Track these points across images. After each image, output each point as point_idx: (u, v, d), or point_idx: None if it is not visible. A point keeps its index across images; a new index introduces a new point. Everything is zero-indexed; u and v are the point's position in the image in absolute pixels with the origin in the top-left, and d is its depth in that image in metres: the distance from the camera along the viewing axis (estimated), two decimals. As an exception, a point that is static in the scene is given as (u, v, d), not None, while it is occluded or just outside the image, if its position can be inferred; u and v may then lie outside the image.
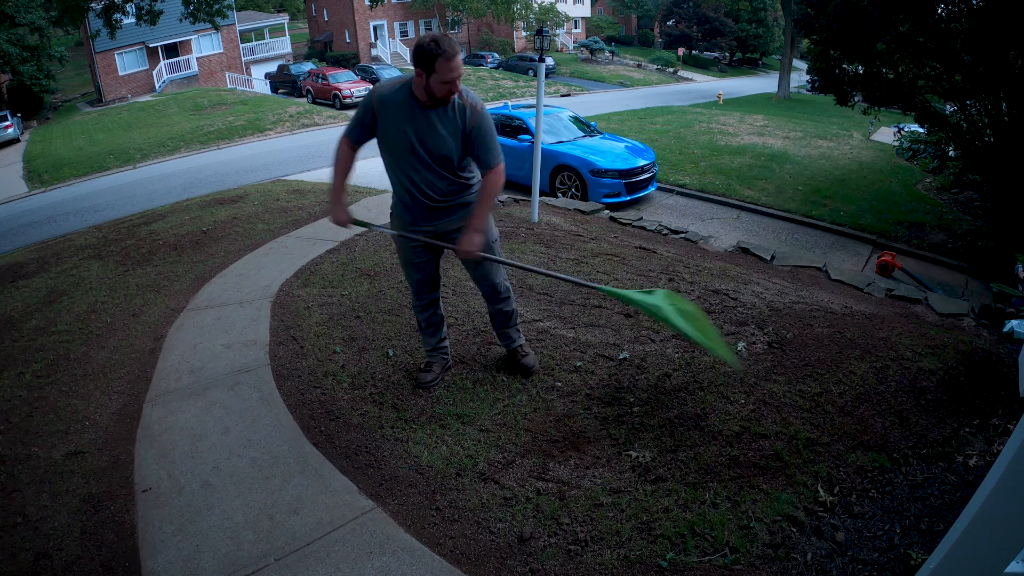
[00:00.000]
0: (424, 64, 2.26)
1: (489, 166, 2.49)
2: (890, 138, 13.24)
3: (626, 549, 1.99)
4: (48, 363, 3.51)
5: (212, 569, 1.99)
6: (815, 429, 2.49)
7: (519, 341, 3.02)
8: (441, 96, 2.33)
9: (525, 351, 3.02)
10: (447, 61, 2.25)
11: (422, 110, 2.39)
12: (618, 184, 7.89)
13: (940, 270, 6.57)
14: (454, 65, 2.27)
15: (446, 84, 2.29)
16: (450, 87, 2.31)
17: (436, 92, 2.31)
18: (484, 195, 2.54)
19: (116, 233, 6.68)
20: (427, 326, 2.93)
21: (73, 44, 38.93)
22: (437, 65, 2.25)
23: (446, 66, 2.25)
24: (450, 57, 2.25)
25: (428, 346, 3.00)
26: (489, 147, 2.47)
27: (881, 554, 1.91)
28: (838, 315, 3.65)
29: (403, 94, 2.40)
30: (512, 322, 2.96)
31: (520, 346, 3.02)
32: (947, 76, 7.25)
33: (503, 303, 2.87)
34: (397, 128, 2.42)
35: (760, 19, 41.69)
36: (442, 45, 2.25)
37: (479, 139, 2.44)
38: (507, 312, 2.91)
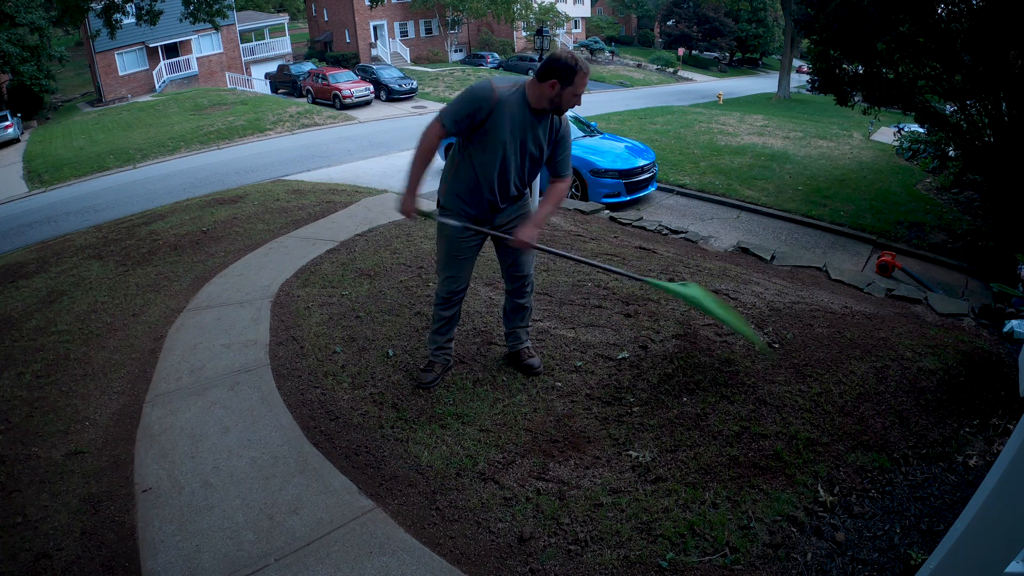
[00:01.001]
0: (564, 76, 2.40)
1: (563, 175, 2.69)
2: (890, 138, 13.24)
3: (626, 549, 1.99)
4: (48, 363, 3.51)
5: (212, 569, 1.99)
6: (815, 429, 2.49)
7: (526, 343, 3.07)
8: (567, 107, 2.51)
9: (531, 352, 3.06)
10: (584, 76, 2.44)
11: (532, 116, 2.50)
12: (618, 184, 7.88)
13: (940, 270, 6.56)
14: (587, 81, 2.48)
15: (575, 97, 2.47)
16: (576, 101, 2.50)
17: (564, 103, 2.47)
18: (552, 198, 2.70)
19: (116, 233, 6.68)
20: (444, 324, 2.92)
21: (73, 44, 38.93)
22: (576, 79, 2.41)
23: (583, 81, 2.44)
24: (586, 73, 2.45)
25: (434, 344, 2.97)
26: (568, 157, 2.70)
27: (881, 554, 1.91)
28: (838, 315, 3.65)
29: (519, 97, 2.47)
30: (526, 321, 3.03)
31: (526, 347, 3.06)
32: (947, 76, 7.25)
33: (526, 297, 2.95)
34: (511, 128, 2.48)
35: (760, 19, 41.68)
36: (580, 62, 2.43)
37: (563, 148, 2.65)
38: (526, 308, 2.98)
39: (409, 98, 24.33)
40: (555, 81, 2.40)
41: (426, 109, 21.89)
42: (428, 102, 23.83)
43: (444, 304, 2.87)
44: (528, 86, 2.47)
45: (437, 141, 2.52)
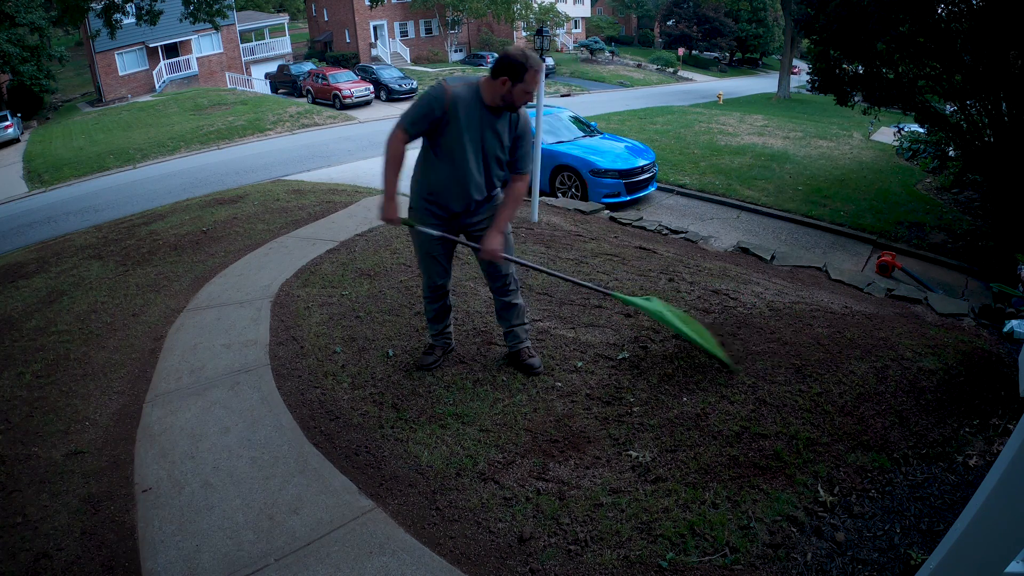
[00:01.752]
0: (514, 73, 2.42)
1: (522, 172, 2.69)
2: (890, 138, 13.23)
3: (626, 549, 1.99)
4: (48, 363, 3.51)
5: (212, 569, 1.99)
6: (815, 429, 2.49)
7: (526, 342, 3.05)
8: (519, 104, 2.53)
9: (531, 352, 3.05)
10: (535, 74, 2.45)
11: (489, 115, 2.54)
12: (618, 184, 7.88)
13: (940, 270, 6.57)
14: (539, 78, 2.52)
15: (527, 94, 2.49)
16: (528, 98, 2.53)
17: (517, 101, 2.50)
18: (510, 199, 2.70)
19: (116, 233, 6.69)
20: (435, 315, 3.04)
21: (73, 44, 38.93)
22: (527, 76, 2.43)
23: (534, 78, 2.46)
24: (537, 70, 2.47)
25: (433, 331, 3.11)
26: (527, 153, 2.69)
27: (881, 554, 1.91)
28: (838, 315, 3.65)
29: (473, 96, 2.51)
30: (520, 319, 2.99)
31: (527, 347, 3.04)
32: (947, 76, 7.25)
33: (512, 295, 2.93)
34: (466, 127, 2.52)
35: (760, 19, 41.69)
36: (531, 59, 2.45)
37: (522, 145, 2.65)
38: (515, 305, 2.95)
39: (409, 98, 24.32)
40: (506, 79, 2.43)
41: (426, 109, 21.85)
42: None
43: (429, 298, 2.99)
44: (482, 84, 2.51)
45: (402, 146, 2.57)
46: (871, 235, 7.33)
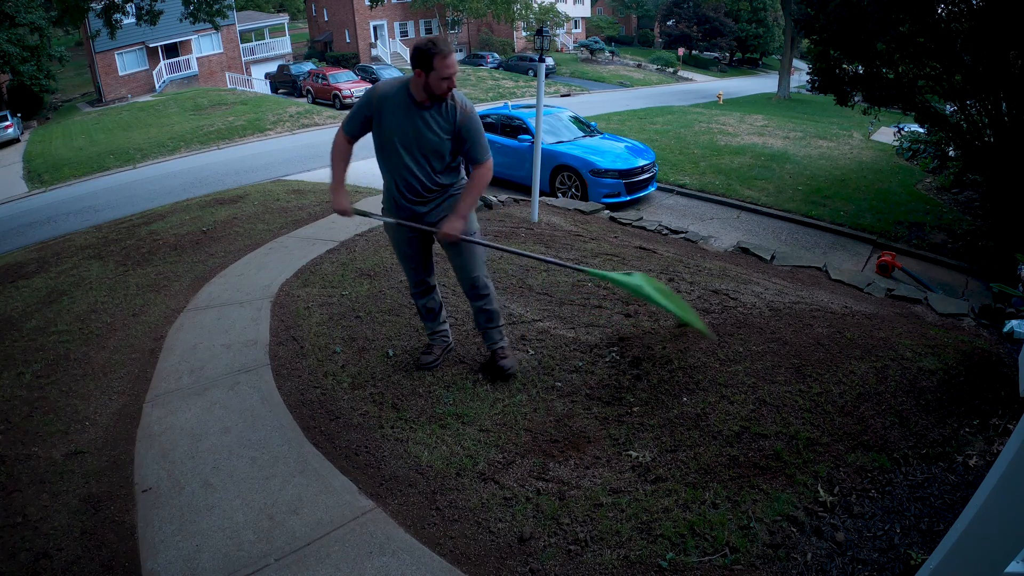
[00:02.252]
0: (423, 63, 2.43)
1: (478, 161, 2.67)
2: (890, 138, 13.23)
3: (626, 549, 1.99)
4: (48, 363, 3.51)
5: (212, 569, 1.99)
6: (815, 429, 2.49)
7: (501, 343, 3.01)
8: (440, 93, 2.48)
9: (505, 353, 3.00)
10: (443, 58, 2.41)
11: (418, 109, 2.54)
12: (618, 184, 7.88)
13: (940, 270, 6.56)
14: (450, 62, 2.43)
15: (444, 80, 2.45)
16: (448, 83, 2.47)
17: (435, 89, 2.47)
18: (472, 186, 2.70)
19: (116, 233, 6.69)
20: (426, 312, 3.06)
21: (73, 44, 38.90)
22: (435, 63, 2.41)
23: (443, 63, 2.41)
24: (446, 55, 2.42)
25: (428, 329, 3.14)
26: (477, 142, 2.64)
27: (881, 554, 1.91)
28: (838, 315, 3.65)
29: (401, 94, 2.55)
30: (493, 322, 2.96)
31: (501, 347, 3.01)
32: (947, 76, 7.24)
33: (483, 300, 2.89)
34: (394, 125, 2.57)
35: (760, 19, 41.69)
36: (438, 44, 2.42)
37: (468, 136, 2.61)
38: (487, 311, 2.92)
39: (409, 98, 24.29)
40: (419, 70, 2.45)
41: (426, 109, 21.85)
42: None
43: (415, 296, 3.04)
44: (410, 81, 2.53)
45: (342, 143, 2.71)
46: (871, 235, 7.33)
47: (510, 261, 4.55)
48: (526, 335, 3.36)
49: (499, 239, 5.16)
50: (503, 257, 4.64)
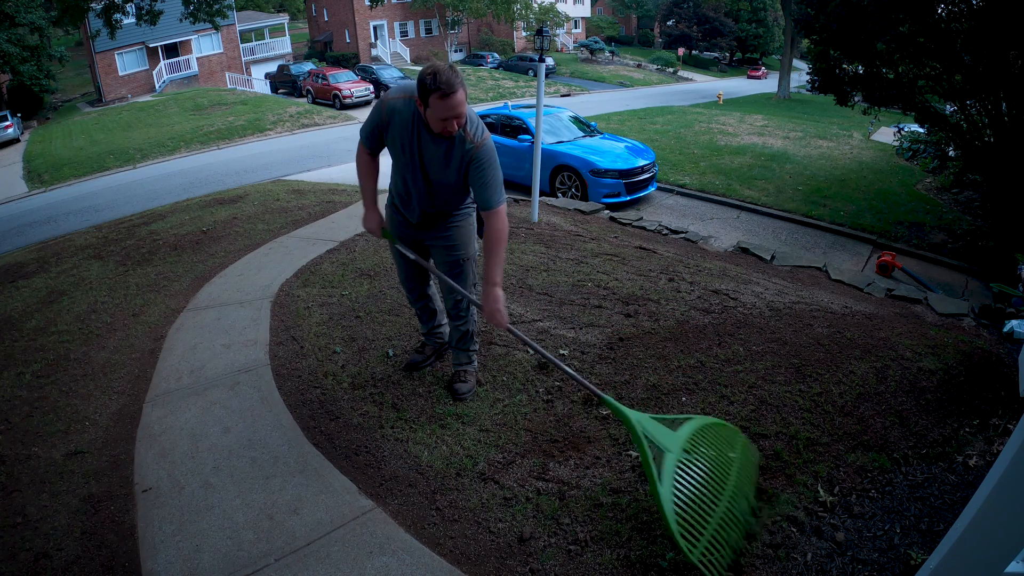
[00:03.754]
0: (421, 96, 2.13)
1: (488, 206, 2.30)
2: (890, 138, 13.23)
3: (626, 549, 1.99)
4: (48, 363, 3.51)
5: (212, 569, 1.99)
6: (815, 429, 2.49)
7: (467, 365, 2.87)
8: (437, 132, 2.20)
9: (466, 377, 2.86)
10: (441, 99, 2.07)
11: (426, 134, 2.27)
12: (618, 184, 7.89)
13: (940, 270, 6.56)
14: (451, 104, 2.08)
15: (442, 122, 2.14)
16: (445, 126, 2.16)
17: (432, 127, 2.19)
18: (492, 243, 2.31)
19: (116, 233, 6.69)
20: (421, 314, 3.05)
21: (73, 44, 38.93)
22: (431, 101, 2.10)
23: (440, 104, 2.09)
24: (446, 94, 2.07)
25: (422, 329, 3.12)
26: (487, 185, 2.29)
27: (881, 554, 1.91)
28: (838, 315, 3.65)
29: (412, 109, 2.27)
30: (465, 343, 2.82)
31: (465, 370, 2.87)
32: (947, 76, 7.25)
33: (461, 321, 2.75)
34: (402, 143, 2.33)
35: (760, 19, 41.72)
36: (439, 80, 2.06)
37: (476, 176, 2.29)
38: (463, 331, 2.79)
39: (409, 98, 24.30)
40: (419, 100, 2.16)
41: (426, 109, 21.86)
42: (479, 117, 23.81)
43: (410, 300, 3.00)
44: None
45: (365, 156, 2.51)
46: (871, 235, 7.34)
47: (510, 261, 4.55)
48: (527, 335, 3.36)
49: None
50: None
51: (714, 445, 2.09)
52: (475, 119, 2.29)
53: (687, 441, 2.03)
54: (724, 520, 1.89)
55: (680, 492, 1.86)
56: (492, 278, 2.29)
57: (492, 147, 2.30)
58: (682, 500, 1.85)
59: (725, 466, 2.05)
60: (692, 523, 1.81)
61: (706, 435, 2.10)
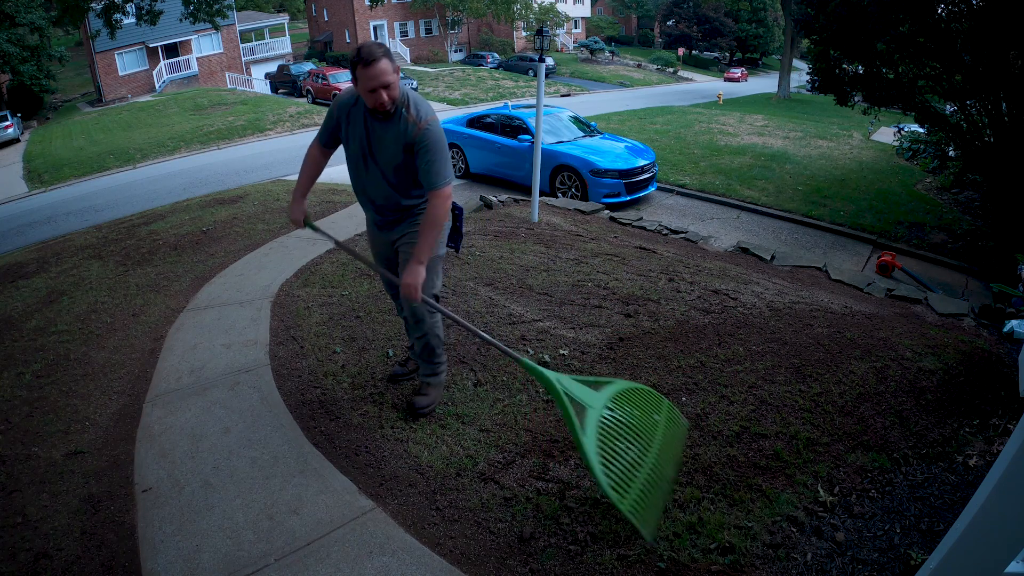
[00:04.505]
0: (352, 74, 2.20)
1: (431, 187, 2.29)
2: (890, 138, 13.24)
3: (625, 549, 1.99)
4: (48, 363, 3.51)
5: (212, 569, 1.99)
6: (815, 429, 2.49)
7: (427, 378, 2.76)
8: (371, 106, 2.23)
9: (427, 391, 2.75)
10: (364, 68, 2.14)
11: (372, 120, 2.32)
12: (618, 184, 7.88)
13: (940, 270, 6.56)
14: (372, 73, 2.14)
15: (370, 94, 2.19)
16: (375, 97, 2.19)
17: (367, 101, 2.23)
18: (427, 222, 2.30)
19: (116, 233, 6.69)
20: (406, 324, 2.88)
21: (73, 44, 38.93)
22: (357, 73, 2.17)
23: (364, 74, 2.15)
24: (367, 63, 2.13)
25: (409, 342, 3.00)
26: (431, 166, 2.27)
27: (881, 554, 1.91)
28: (838, 315, 3.65)
29: (356, 100, 2.35)
30: (427, 356, 2.68)
31: (425, 382, 2.77)
32: (947, 76, 7.25)
33: (418, 330, 2.60)
34: (352, 136, 2.39)
35: (760, 19, 41.74)
36: (362, 52, 2.14)
37: (421, 156, 2.28)
38: (423, 343, 2.64)
39: (409, 98, 24.31)
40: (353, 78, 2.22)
41: (426, 109, 21.86)
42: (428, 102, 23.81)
43: (395, 307, 2.95)
44: None
45: (313, 151, 2.54)
46: (871, 235, 7.34)
47: (510, 261, 4.55)
48: (526, 335, 3.36)
49: (499, 239, 5.17)
50: (502, 257, 4.64)
51: (637, 406, 2.15)
52: (420, 102, 2.32)
53: (609, 399, 2.10)
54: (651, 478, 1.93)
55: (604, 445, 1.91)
56: (418, 256, 2.29)
57: (436, 129, 2.30)
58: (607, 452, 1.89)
59: (649, 427, 2.10)
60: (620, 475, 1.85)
61: (629, 396, 2.18)
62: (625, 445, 1.97)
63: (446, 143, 2.34)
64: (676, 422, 2.26)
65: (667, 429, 2.16)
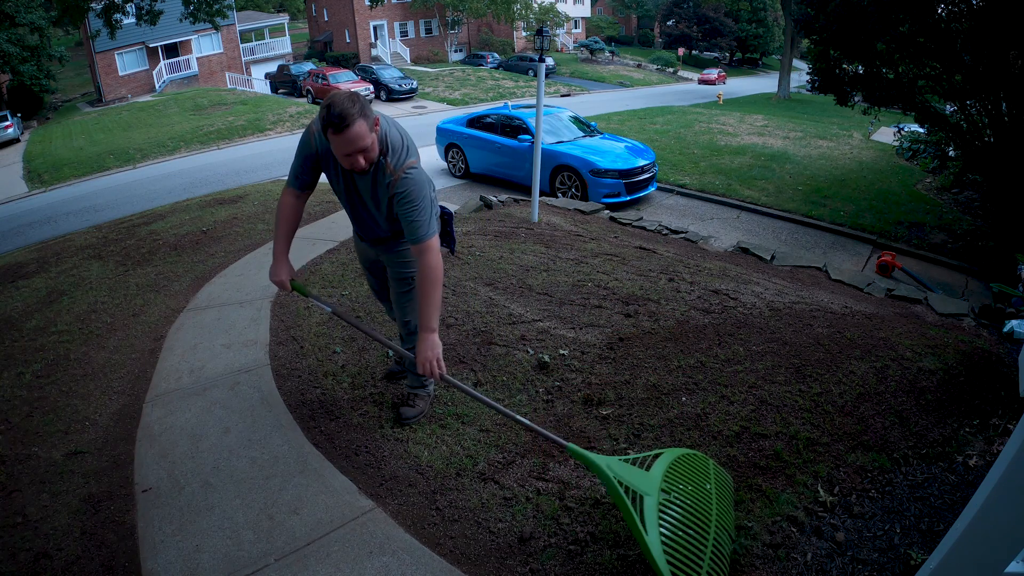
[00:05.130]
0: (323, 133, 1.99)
1: (414, 242, 2.11)
2: (890, 138, 13.24)
3: (625, 549, 1.99)
4: (48, 363, 3.51)
5: (212, 569, 1.99)
6: (815, 429, 2.49)
7: (417, 389, 2.73)
8: (347, 168, 2.06)
9: (415, 402, 2.71)
10: (335, 135, 1.92)
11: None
12: (618, 184, 7.89)
13: (940, 270, 6.57)
14: (347, 139, 1.92)
15: (345, 158, 2.00)
16: (349, 162, 2.01)
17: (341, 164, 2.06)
18: (423, 287, 2.11)
19: (116, 233, 6.69)
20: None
21: (73, 44, 38.91)
22: (328, 136, 1.95)
23: (336, 140, 1.94)
24: (339, 129, 1.90)
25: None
26: (409, 218, 2.08)
27: (881, 554, 1.91)
28: (838, 315, 3.65)
29: None
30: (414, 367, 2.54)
31: (413, 394, 2.73)
32: (947, 76, 7.25)
33: (410, 344, 2.54)
34: (336, 171, 2.21)
35: (760, 19, 41.72)
36: (332, 113, 1.89)
37: (400, 209, 2.10)
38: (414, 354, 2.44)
39: (409, 98, 24.36)
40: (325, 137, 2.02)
41: (426, 109, 21.89)
42: (428, 102, 23.84)
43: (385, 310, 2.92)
44: None
45: (289, 199, 2.31)
46: (871, 235, 7.34)
47: (510, 261, 4.55)
48: (526, 335, 3.36)
49: (499, 239, 5.17)
50: (502, 257, 4.64)
51: (689, 478, 1.98)
52: (399, 146, 2.11)
53: (662, 480, 1.91)
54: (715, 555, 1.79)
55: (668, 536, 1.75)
56: (427, 323, 2.09)
57: (416, 177, 2.09)
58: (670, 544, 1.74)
59: (705, 499, 1.94)
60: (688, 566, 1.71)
61: (679, 469, 2.00)
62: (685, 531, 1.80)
63: (427, 190, 2.15)
64: (725, 484, 2.10)
65: (719, 495, 2.00)
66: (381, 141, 2.08)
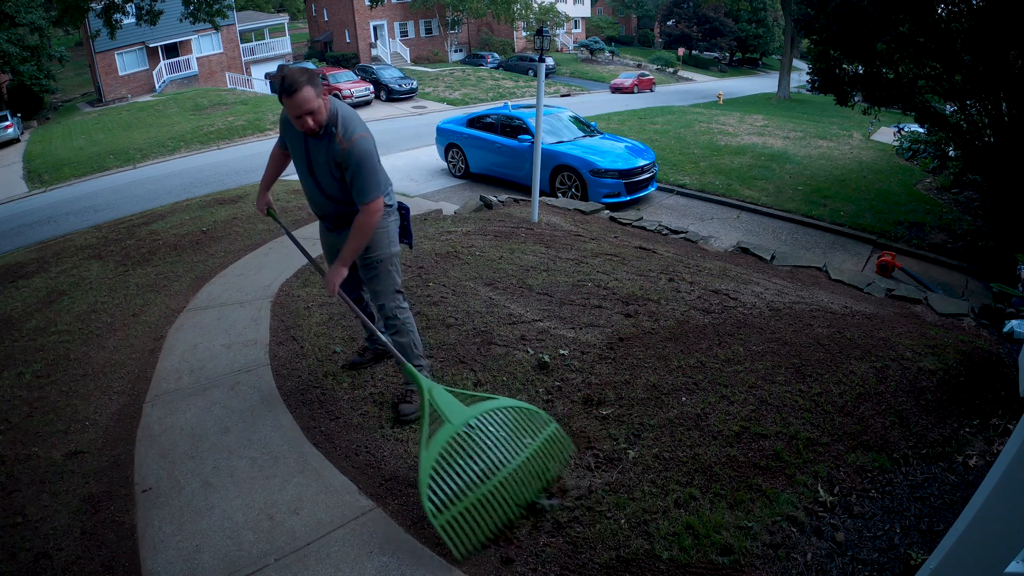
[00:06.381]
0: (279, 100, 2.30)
1: (359, 202, 2.42)
2: (890, 138, 13.24)
3: (625, 549, 1.99)
4: (48, 363, 3.51)
5: (212, 569, 1.99)
6: (815, 429, 2.49)
7: (411, 384, 2.72)
8: (300, 130, 2.34)
9: (410, 398, 2.73)
10: (288, 98, 2.23)
11: (308, 137, 2.42)
12: (618, 184, 7.89)
13: (940, 270, 6.57)
14: (296, 102, 2.23)
15: (296, 120, 2.29)
16: (301, 122, 2.29)
17: (296, 125, 2.32)
18: (353, 231, 2.43)
19: (116, 233, 6.69)
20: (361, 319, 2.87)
21: (73, 44, 38.91)
22: (283, 101, 2.27)
23: (288, 103, 2.25)
24: (290, 93, 2.22)
25: (365, 334, 3.17)
26: (357, 182, 2.38)
27: (881, 554, 1.91)
28: (838, 315, 3.65)
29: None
30: (408, 358, 2.63)
31: (410, 389, 2.74)
32: (947, 76, 7.24)
33: (392, 330, 2.66)
34: (295, 150, 2.52)
35: (760, 19, 41.72)
36: (285, 81, 2.23)
37: (349, 173, 2.39)
38: (399, 343, 2.65)
39: (409, 98, 24.34)
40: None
41: (426, 109, 21.89)
42: (428, 102, 23.83)
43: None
44: None
45: (276, 151, 2.75)
46: (871, 235, 7.34)
47: (510, 261, 4.55)
48: (526, 335, 3.36)
49: (499, 239, 5.17)
50: (502, 257, 4.64)
51: (508, 427, 2.18)
52: (350, 120, 2.39)
53: (475, 417, 2.16)
54: (486, 500, 2.00)
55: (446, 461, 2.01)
56: (344, 259, 2.45)
57: (364, 147, 2.36)
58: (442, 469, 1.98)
59: (513, 450, 2.14)
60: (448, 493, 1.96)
61: (502, 417, 2.21)
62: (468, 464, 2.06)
63: (375, 158, 2.40)
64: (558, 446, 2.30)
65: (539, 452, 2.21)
66: (332, 114, 2.36)
